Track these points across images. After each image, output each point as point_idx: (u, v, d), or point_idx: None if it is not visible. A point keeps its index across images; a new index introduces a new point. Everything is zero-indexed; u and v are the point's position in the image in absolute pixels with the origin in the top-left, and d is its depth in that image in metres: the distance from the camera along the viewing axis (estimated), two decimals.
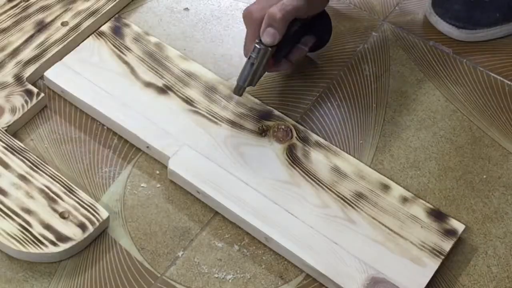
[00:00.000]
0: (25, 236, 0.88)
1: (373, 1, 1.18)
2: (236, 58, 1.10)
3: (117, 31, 1.09)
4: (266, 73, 1.08)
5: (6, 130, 0.98)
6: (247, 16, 0.96)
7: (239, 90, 0.98)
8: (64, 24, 1.08)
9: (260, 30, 0.94)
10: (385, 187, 0.96)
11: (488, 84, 1.09)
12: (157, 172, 0.98)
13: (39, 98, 1.01)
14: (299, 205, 0.93)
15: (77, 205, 0.91)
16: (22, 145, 0.96)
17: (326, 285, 0.89)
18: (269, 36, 0.93)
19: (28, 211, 0.90)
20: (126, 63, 1.05)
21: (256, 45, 0.94)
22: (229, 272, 0.90)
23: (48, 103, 1.03)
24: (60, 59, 1.05)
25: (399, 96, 1.07)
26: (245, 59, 0.98)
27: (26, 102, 1.00)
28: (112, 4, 1.11)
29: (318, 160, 0.97)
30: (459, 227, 0.93)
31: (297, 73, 1.09)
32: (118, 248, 0.92)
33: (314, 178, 0.96)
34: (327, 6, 1.04)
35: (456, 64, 1.10)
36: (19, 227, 0.89)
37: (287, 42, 0.97)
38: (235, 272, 0.90)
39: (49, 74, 1.03)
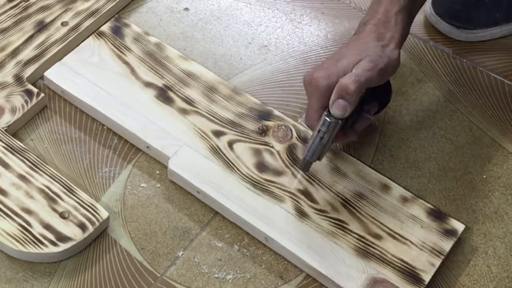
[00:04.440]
0: (25, 236, 0.88)
1: None
2: (236, 58, 1.10)
3: (117, 31, 1.09)
4: (263, 71, 1.08)
5: (6, 130, 0.98)
6: (312, 83, 0.89)
7: (306, 166, 0.91)
8: (64, 24, 1.08)
9: (325, 99, 0.88)
10: (385, 187, 0.96)
11: (488, 84, 1.09)
12: (157, 172, 0.98)
13: (39, 98, 1.01)
14: (299, 205, 0.93)
15: (77, 205, 0.91)
16: (22, 145, 0.96)
17: (326, 285, 0.90)
18: (340, 109, 0.86)
19: (28, 211, 0.90)
20: (126, 63, 1.05)
21: (326, 118, 0.87)
22: (229, 272, 0.90)
23: (48, 103, 1.03)
24: (60, 59, 1.05)
25: (399, 96, 1.07)
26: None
27: (26, 102, 1.00)
28: (112, 4, 1.11)
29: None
30: (459, 227, 0.93)
31: (298, 73, 1.09)
32: (118, 248, 0.92)
33: (314, 178, 0.96)
34: (327, 7, 1.03)
35: (456, 64, 1.10)
36: (19, 227, 0.89)
37: (354, 112, 0.90)
38: (235, 272, 0.90)
39: (49, 74, 1.03)
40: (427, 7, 1.15)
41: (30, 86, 1.02)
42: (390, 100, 1.00)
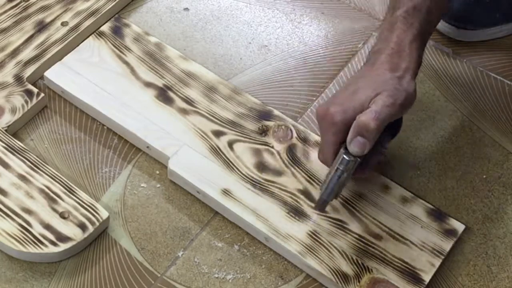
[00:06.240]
0: (25, 236, 0.88)
1: (373, 1, 1.18)
2: (236, 58, 1.10)
3: (117, 31, 1.09)
4: (263, 71, 1.08)
5: (6, 130, 0.98)
6: (326, 118, 0.86)
7: (323, 206, 0.88)
8: (64, 24, 1.08)
9: (341, 135, 0.85)
10: (385, 187, 0.96)
11: (488, 84, 1.09)
12: (157, 172, 0.98)
13: (39, 98, 1.01)
14: (299, 205, 0.93)
15: (77, 205, 0.91)
16: (22, 145, 0.96)
17: (326, 285, 0.90)
18: (359, 147, 0.83)
19: (28, 211, 0.90)
20: (126, 63, 1.05)
21: (345, 156, 0.84)
22: (229, 272, 0.90)
23: (48, 103, 1.03)
24: (60, 59, 1.05)
25: None
26: None
27: (26, 102, 1.00)
28: (112, 4, 1.11)
29: (318, 160, 0.97)
30: (459, 227, 0.93)
31: (298, 73, 1.09)
32: (118, 248, 0.92)
33: (314, 178, 0.96)
34: (327, 7, 1.03)
35: (456, 64, 1.10)
36: (19, 227, 0.89)
37: (372, 148, 0.86)
38: (235, 272, 0.90)
39: (49, 74, 1.03)
40: None
41: (30, 86, 1.02)
42: (400, 129, 0.95)
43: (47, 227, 0.89)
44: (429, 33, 0.92)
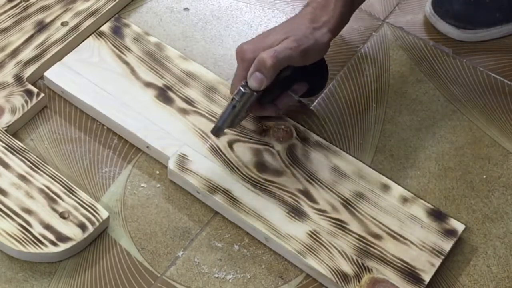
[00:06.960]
0: (25, 236, 0.88)
1: (373, 1, 1.18)
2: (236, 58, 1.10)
3: (117, 31, 1.09)
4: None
5: (6, 130, 0.98)
6: (239, 53, 0.92)
7: (217, 131, 0.93)
8: (64, 24, 1.08)
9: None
10: (385, 187, 0.96)
11: (488, 84, 1.09)
12: (157, 172, 0.98)
13: (39, 98, 1.01)
14: (299, 205, 0.93)
15: (77, 205, 0.91)
16: (22, 145, 0.96)
17: (326, 285, 0.90)
18: (256, 81, 0.89)
19: (28, 211, 0.90)
20: (126, 63, 1.05)
21: (241, 88, 0.90)
22: (229, 272, 0.90)
23: (48, 103, 1.03)
24: (60, 59, 1.05)
25: (399, 96, 1.07)
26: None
27: (26, 102, 1.00)
28: (112, 4, 1.11)
29: (318, 160, 0.97)
30: (459, 227, 0.93)
31: None
32: (118, 248, 0.92)
33: (314, 178, 0.96)
34: None
35: (456, 64, 1.10)
36: (19, 227, 0.89)
37: (275, 88, 0.93)
38: (235, 272, 0.90)
39: (49, 74, 1.03)
40: (427, 7, 1.15)
41: (30, 86, 1.02)
42: (325, 87, 1.02)
43: (47, 227, 0.89)
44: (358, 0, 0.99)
